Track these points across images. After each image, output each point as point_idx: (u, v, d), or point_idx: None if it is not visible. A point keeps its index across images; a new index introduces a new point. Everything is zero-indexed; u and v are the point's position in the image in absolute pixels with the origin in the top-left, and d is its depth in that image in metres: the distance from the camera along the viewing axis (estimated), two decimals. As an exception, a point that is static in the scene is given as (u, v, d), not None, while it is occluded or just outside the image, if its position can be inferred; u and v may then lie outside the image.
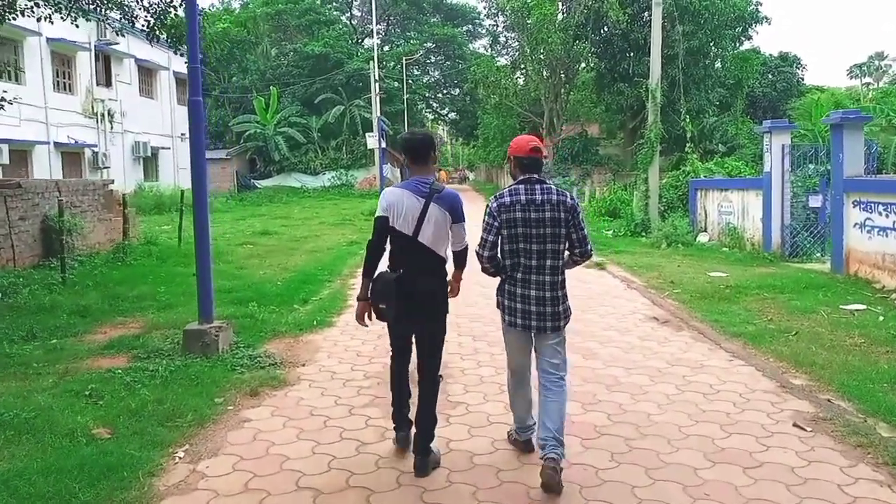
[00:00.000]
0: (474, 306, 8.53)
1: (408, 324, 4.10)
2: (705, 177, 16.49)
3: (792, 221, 12.53)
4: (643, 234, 16.16)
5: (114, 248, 12.27)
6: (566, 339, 4.17)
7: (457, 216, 3.99)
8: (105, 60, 29.04)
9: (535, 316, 3.94)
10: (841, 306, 8.33)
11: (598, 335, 7.20)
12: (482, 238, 3.97)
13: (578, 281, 10.64)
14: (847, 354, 6.25)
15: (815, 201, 12.57)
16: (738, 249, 13.56)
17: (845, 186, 10.44)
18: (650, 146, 16.33)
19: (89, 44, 27.08)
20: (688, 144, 17.10)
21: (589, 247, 4.02)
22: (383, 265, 4.10)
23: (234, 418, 4.84)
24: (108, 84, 29.07)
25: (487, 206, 4.02)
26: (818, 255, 12.44)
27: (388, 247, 4.05)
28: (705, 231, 15.41)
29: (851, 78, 69.20)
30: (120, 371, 5.63)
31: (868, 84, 65.79)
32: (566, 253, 4.03)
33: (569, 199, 3.95)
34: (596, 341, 6.95)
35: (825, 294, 9.11)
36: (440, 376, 4.24)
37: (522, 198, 3.89)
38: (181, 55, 10.92)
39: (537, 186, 3.92)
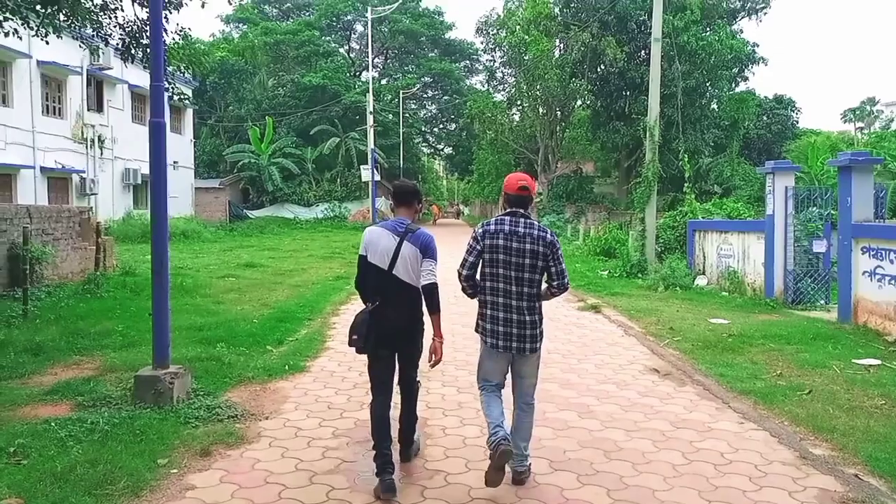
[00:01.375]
0: (462, 352, 7.93)
1: (386, 355, 4.40)
2: (703, 218, 16.03)
3: (795, 267, 12.03)
4: (640, 275, 15.61)
5: (85, 280, 11.64)
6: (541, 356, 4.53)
7: (428, 253, 4.30)
8: (97, 85, 28.65)
9: (516, 338, 4.26)
10: (854, 360, 7.76)
11: (595, 389, 6.59)
12: (464, 258, 4.33)
13: (574, 325, 10.06)
14: (869, 418, 5.66)
15: (819, 246, 12.08)
16: (739, 294, 13.02)
17: (854, 231, 9.95)
18: (647, 185, 15.88)
19: (81, 68, 26.72)
20: (686, 184, 16.68)
21: (566, 280, 4.35)
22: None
23: (176, 485, 4.20)
24: (100, 109, 28.64)
25: (474, 231, 4.40)
26: (822, 302, 11.92)
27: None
28: (704, 274, 14.88)
29: (845, 122, 69.66)
30: (56, 423, 4.98)
31: (861, 128, 66.12)
32: (544, 285, 4.36)
33: (548, 235, 4.29)
34: (592, 396, 6.34)
35: (835, 346, 8.56)
36: (418, 382, 4.69)
37: (506, 228, 4.26)
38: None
39: (521, 220, 4.28)
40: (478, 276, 4.38)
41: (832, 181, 22.94)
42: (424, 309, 4.36)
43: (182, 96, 11.02)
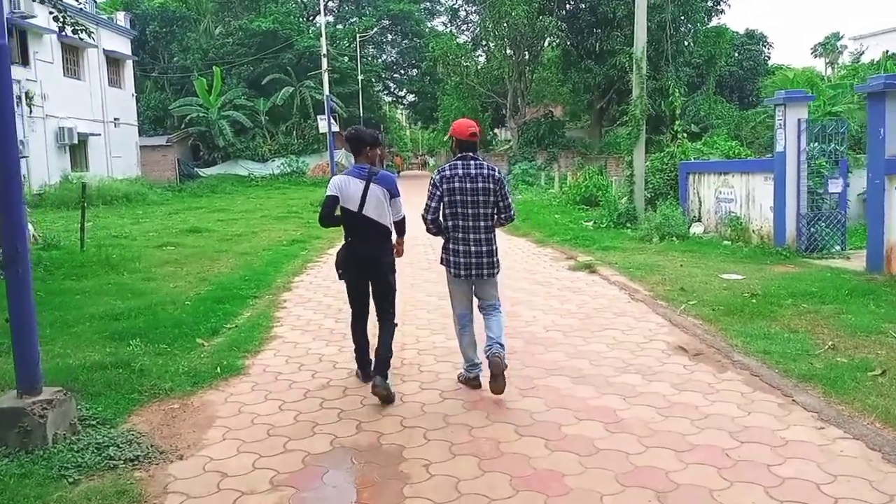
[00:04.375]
0: (442, 332, 6.42)
1: (361, 282, 4.98)
2: (696, 159, 14.60)
3: (808, 210, 10.72)
4: (629, 225, 14.22)
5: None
6: (498, 282, 5.06)
7: (393, 192, 4.88)
8: (20, 35, 25.89)
9: (475, 266, 4.79)
10: (910, 322, 6.47)
11: (616, 383, 5.14)
12: (426, 204, 4.78)
13: (569, 290, 8.61)
14: (978, 410, 4.32)
15: (836, 186, 10.77)
16: (743, 243, 11.70)
17: (888, 168, 8.59)
18: (635, 124, 14.34)
19: (-1, 17, 24.05)
20: (676, 122, 15.17)
21: (511, 212, 4.94)
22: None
23: None
24: (25, 62, 25.95)
25: (431, 178, 4.85)
26: (837, 248, 10.68)
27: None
28: (699, 221, 13.53)
29: (816, 56, 68.65)
30: None
31: (830, 63, 65.25)
32: (495, 217, 4.87)
33: (496, 174, 4.82)
34: (616, 394, 4.89)
35: (877, 304, 7.30)
36: (395, 323, 5.04)
37: (460, 171, 4.75)
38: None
39: (472, 162, 4.78)
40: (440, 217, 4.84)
41: (813, 116, 21.72)
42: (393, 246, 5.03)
43: (79, 27, 9.02)
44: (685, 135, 15.18)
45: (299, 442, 4.17)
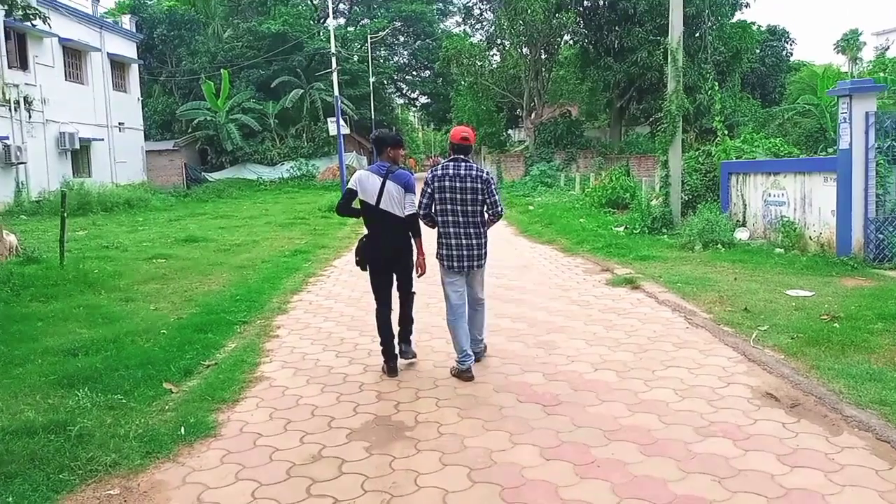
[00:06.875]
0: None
1: (383, 270, 5.49)
2: (737, 157, 13.26)
3: (876, 214, 9.41)
4: (665, 230, 12.91)
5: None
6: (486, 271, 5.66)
7: (408, 188, 5.37)
8: (19, 39, 24.95)
9: (466, 258, 5.30)
10: None
11: (702, 454, 3.86)
12: (419, 201, 5.37)
13: (613, 313, 7.33)
14: None
15: (909, 186, 9.44)
16: (799, 251, 10.37)
17: None
18: (671, 121, 13.03)
19: (-4, 19, 23.12)
20: (716, 119, 13.82)
21: (499, 208, 5.39)
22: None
23: None
24: (24, 66, 24.99)
25: (426, 177, 5.35)
26: (908, 258, 9.34)
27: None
28: (744, 226, 12.20)
29: (838, 52, 66.91)
30: None
31: (853, 59, 63.47)
32: (485, 214, 5.40)
33: (484, 174, 5.30)
34: (705, 473, 3.62)
35: None
36: (413, 292, 5.66)
37: (451, 171, 5.27)
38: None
39: (462, 164, 5.31)
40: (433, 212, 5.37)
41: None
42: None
43: (30, 11, 7.87)
44: (725, 132, 13.83)
45: (272, 560, 2.95)
